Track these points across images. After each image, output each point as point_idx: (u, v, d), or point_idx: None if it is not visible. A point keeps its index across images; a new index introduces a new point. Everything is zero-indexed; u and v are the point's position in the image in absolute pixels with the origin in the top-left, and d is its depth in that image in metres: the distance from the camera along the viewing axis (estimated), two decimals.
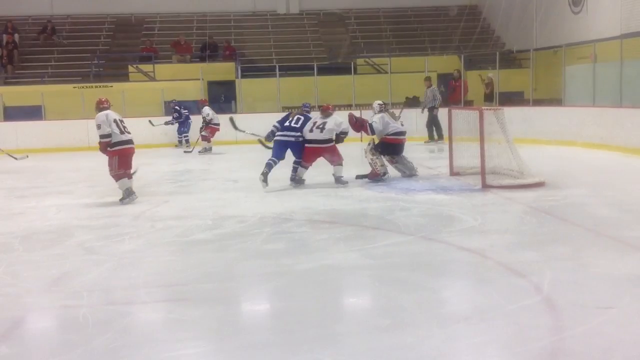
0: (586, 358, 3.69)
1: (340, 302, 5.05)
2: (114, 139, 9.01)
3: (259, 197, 9.35)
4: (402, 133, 10.51)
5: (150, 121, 17.67)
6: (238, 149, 16.38)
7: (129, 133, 9.19)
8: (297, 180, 10.13)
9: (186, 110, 18.11)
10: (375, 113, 10.55)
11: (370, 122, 10.43)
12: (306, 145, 10.02)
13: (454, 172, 10.66)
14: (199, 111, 16.93)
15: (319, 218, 7.81)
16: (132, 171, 9.34)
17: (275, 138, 10.16)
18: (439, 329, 4.18)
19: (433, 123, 16.74)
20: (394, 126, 10.41)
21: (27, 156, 11.03)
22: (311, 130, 9.98)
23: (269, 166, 9.84)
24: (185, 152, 16.71)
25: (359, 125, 10.68)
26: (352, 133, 10.67)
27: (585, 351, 3.76)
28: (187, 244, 6.77)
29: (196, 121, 17.19)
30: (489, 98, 17.55)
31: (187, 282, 5.42)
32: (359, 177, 10.47)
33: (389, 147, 10.42)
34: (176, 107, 18.06)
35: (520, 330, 4.10)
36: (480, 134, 9.55)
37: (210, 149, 16.40)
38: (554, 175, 9.83)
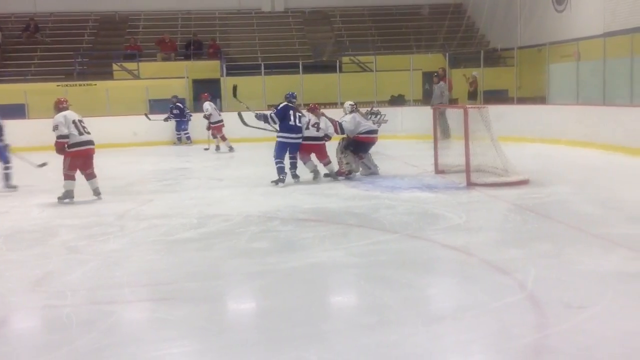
0: (570, 355, 3.71)
1: (325, 301, 5.05)
2: (72, 140, 9.01)
3: (244, 195, 9.34)
4: (374, 131, 10.75)
5: (146, 115, 17.53)
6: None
7: (88, 133, 9.19)
8: (296, 176, 10.32)
9: (189, 110, 17.95)
10: (346, 113, 10.75)
11: (340, 121, 10.57)
12: (303, 142, 10.26)
13: (439, 170, 10.70)
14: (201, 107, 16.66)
15: (304, 216, 7.81)
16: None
17: (280, 140, 10.16)
18: (424, 327, 4.20)
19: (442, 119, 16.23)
20: (366, 125, 10.65)
21: (46, 164, 10.74)
22: (307, 128, 10.22)
23: (282, 170, 10.01)
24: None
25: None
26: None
27: (569, 348, 3.79)
28: (172, 242, 6.74)
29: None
30: (472, 96, 17.56)
31: (172, 281, 5.40)
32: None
33: (360, 145, 10.57)
34: (178, 104, 17.84)
35: (504, 328, 4.12)
36: (465, 132, 9.59)
37: (219, 147, 16.15)
38: (538, 173, 9.89)
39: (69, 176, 9.10)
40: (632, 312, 4.35)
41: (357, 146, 10.56)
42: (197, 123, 17.35)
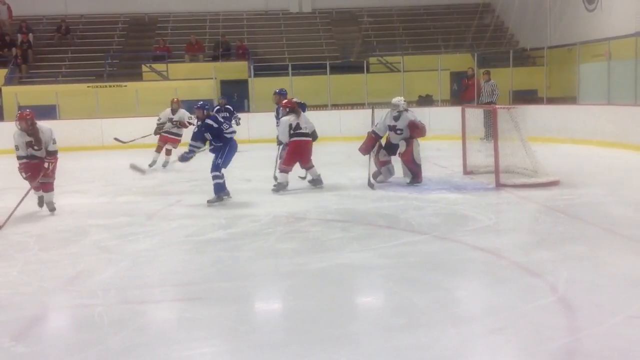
0: (602, 358, 3.67)
1: (354, 302, 5.04)
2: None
3: (272, 196, 9.35)
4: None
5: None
6: (252, 147, 16.37)
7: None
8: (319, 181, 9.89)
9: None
10: (406, 110, 9.97)
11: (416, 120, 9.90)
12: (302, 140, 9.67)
13: (467, 171, 10.62)
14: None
15: (332, 217, 7.80)
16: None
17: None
18: (454, 329, 4.17)
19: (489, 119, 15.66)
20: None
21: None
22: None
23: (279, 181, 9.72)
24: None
25: None
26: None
27: (602, 352, 3.74)
28: (201, 242, 6.79)
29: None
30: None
31: (202, 281, 5.44)
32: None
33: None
34: (227, 106, 16.18)
35: (535, 330, 4.08)
36: (495, 133, 9.52)
37: None
38: (568, 174, 9.77)
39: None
40: None
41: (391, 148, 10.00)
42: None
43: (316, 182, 9.82)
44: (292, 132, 9.59)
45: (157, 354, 3.98)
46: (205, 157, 9.31)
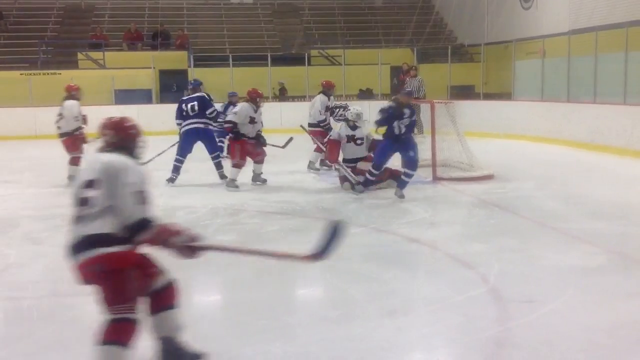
0: (530, 348, 3.77)
1: (291, 294, 5.05)
2: None
3: (210, 188, 9.27)
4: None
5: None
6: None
7: None
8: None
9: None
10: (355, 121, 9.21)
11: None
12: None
13: None
14: None
15: (271, 209, 7.79)
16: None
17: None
18: (389, 320, 4.22)
19: (417, 115, 15.71)
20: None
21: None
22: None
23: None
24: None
25: None
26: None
27: (530, 342, 3.84)
28: None
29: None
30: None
31: None
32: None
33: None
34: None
35: (467, 321, 4.17)
36: (432, 127, 9.65)
37: None
38: (503, 168, 9.98)
39: None
40: (593, 307, 4.42)
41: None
42: None
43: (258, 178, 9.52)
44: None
45: (88, 346, 3.89)
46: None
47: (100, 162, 3.43)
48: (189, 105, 9.58)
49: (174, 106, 10.09)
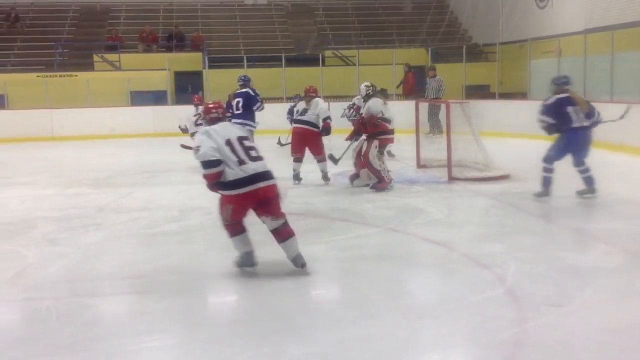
0: (547, 349, 3.74)
1: (306, 294, 5.04)
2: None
3: None
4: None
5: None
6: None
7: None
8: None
9: None
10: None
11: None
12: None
13: (420, 165, 10.72)
14: None
15: (287, 210, 7.76)
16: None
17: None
18: (405, 321, 4.21)
19: (436, 115, 15.39)
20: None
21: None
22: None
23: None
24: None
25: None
26: None
27: (547, 342, 3.82)
28: (153, 235, 6.71)
29: None
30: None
31: (152, 274, 5.37)
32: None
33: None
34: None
35: (484, 322, 4.15)
36: (447, 127, 9.62)
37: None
38: (519, 168, 9.91)
39: None
40: (610, 308, 4.39)
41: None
42: None
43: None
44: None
45: (106, 347, 3.92)
46: (152, 154, 9.15)
47: (238, 127, 5.37)
48: (234, 102, 10.06)
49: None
